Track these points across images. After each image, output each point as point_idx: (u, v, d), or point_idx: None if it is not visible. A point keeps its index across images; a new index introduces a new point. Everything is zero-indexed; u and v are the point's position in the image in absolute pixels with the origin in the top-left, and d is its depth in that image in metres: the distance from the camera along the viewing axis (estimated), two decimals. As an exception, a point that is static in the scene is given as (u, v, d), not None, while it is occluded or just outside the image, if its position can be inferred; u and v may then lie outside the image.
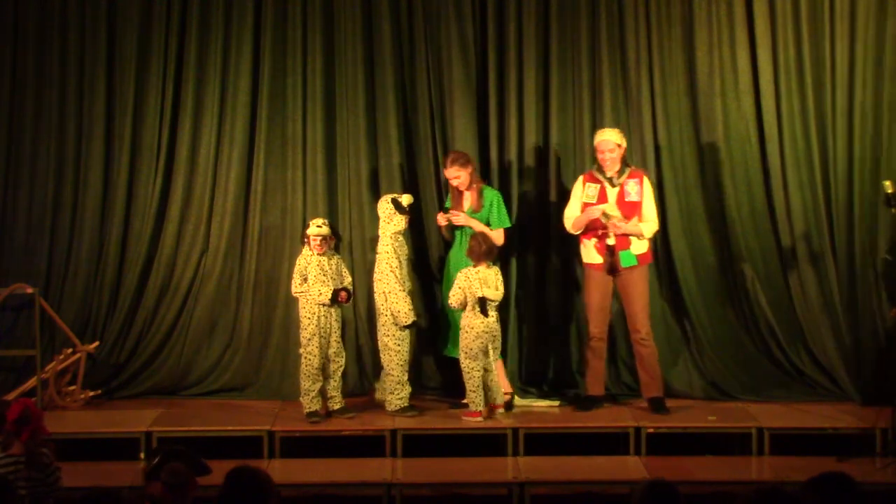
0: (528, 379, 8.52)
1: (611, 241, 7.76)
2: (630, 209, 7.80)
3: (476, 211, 8.03)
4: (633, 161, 8.48)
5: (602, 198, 7.81)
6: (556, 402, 8.16)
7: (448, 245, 8.27)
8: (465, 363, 7.76)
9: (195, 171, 8.61)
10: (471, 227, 7.98)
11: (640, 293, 7.86)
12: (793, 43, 8.45)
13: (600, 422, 7.81)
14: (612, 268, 7.80)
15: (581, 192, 7.90)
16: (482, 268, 7.79)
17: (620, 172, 7.83)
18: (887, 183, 7.42)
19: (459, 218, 7.99)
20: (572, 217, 7.91)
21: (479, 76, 8.59)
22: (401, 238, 7.95)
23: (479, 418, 7.76)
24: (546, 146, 8.61)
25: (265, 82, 8.56)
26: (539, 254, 8.62)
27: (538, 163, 8.60)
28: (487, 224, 8.03)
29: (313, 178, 8.59)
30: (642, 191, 7.82)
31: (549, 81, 8.58)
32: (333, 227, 8.09)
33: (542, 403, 8.15)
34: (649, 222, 7.85)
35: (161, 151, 8.59)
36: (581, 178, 7.97)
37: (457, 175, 7.98)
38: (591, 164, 8.10)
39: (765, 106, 8.46)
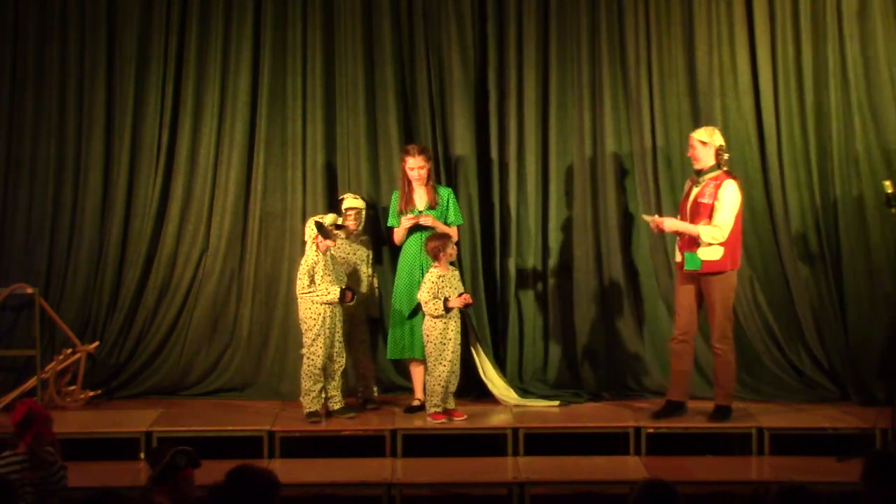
0: (528, 379, 8.52)
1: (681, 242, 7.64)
2: (699, 210, 7.51)
3: (432, 207, 7.94)
4: (633, 161, 8.51)
5: (687, 196, 7.66)
6: (556, 402, 8.16)
7: (394, 248, 8.16)
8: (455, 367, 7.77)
9: (195, 171, 8.62)
10: (435, 228, 7.86)
11: (714, 300, 7.53)
12: (792, 42, 8.46)
13: (600, 422, 7.81)
14: (680, 266, 7.67)
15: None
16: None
17: (707, 172, 7.56)
18: (887, 183, 7.41)
19: (427, 219, 7.88)
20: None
21: (479, 76, 8.59)
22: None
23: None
24: (546, 146, 8.61)
25: (265, 82, 8.56)
26: (539, 252, 8.62)
27: (538, 163, 8.60)
28: (444, 223, 7.96)
29: (313, 178, 8.59)
30: (716, 194, 7.49)
31: (548, 81, 8.59)
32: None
33: (541, 403, 8.15)
34: (715, 227, 7.46)
35: (161, 151, 8.59)
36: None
37: (422, 166, 7.87)
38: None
39: (764, 106, 8.47)
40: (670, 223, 7.61)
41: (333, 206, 8.50)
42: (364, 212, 8.15)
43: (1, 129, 8.60)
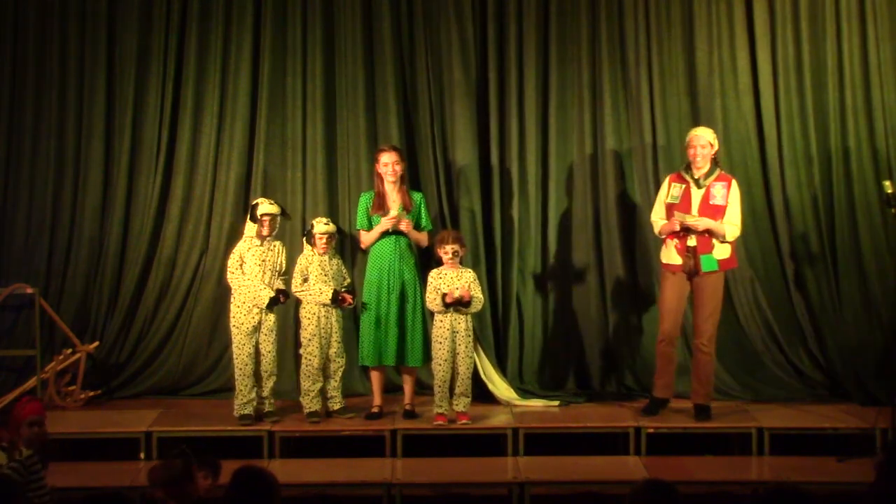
0: (528, 379, 8.52)
1: (691, 243, 7.55)
2: (714, 212, 7.55)
3: (408, 210, 7.85)
4: (633, 161, 8.51)
5: (686, 198, 7.59)
6: (556, 402, 8.16)
7: (357, 252, 8.14)
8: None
9: (195, 170, 8.62)
10: (408, 234, 7.79)
11: (710, 298, 7.59)
12: (792, 43, 8.47)
13: (600, 422, 7.81)
14: (692, 271, 7.57)
15: (666, 194, 7.70)
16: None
17: (708, 174, 7.61)
18: (887, 183, 7.42)
19: (408, 225, 7.78)
20: (659, 222, 7.71)
21: (479, 76, 8.59)
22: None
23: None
24: (546, 146, 8.61)
25: (265, 82, 8.56)
26: (539, 253, 8.62)
27: (538, 163, 8.60)
28: (416, 227, 7.88)
29: (313, 178, 8.59)
30: (728, 195, 7.56)
31: (549, 81, 8.59)
32: (336, 224, 8.09)
33: (542, 403, 8.15)
34: (732, 226, 7.57)
35: (161, 151, 8.59)
36: (667, 178, 7.80)
37: (397, 161, 7.76)
38: (680, 162, 7.82)
39: (764, 106, 8.48)
40: (706, 222, 7.56)
41: (332, 206, 8.52)
42: (279, 217, 8.04)
43: (1, 128, 8.60)
